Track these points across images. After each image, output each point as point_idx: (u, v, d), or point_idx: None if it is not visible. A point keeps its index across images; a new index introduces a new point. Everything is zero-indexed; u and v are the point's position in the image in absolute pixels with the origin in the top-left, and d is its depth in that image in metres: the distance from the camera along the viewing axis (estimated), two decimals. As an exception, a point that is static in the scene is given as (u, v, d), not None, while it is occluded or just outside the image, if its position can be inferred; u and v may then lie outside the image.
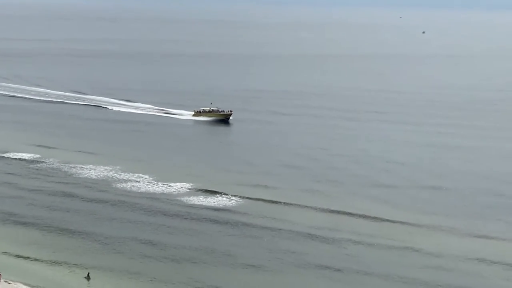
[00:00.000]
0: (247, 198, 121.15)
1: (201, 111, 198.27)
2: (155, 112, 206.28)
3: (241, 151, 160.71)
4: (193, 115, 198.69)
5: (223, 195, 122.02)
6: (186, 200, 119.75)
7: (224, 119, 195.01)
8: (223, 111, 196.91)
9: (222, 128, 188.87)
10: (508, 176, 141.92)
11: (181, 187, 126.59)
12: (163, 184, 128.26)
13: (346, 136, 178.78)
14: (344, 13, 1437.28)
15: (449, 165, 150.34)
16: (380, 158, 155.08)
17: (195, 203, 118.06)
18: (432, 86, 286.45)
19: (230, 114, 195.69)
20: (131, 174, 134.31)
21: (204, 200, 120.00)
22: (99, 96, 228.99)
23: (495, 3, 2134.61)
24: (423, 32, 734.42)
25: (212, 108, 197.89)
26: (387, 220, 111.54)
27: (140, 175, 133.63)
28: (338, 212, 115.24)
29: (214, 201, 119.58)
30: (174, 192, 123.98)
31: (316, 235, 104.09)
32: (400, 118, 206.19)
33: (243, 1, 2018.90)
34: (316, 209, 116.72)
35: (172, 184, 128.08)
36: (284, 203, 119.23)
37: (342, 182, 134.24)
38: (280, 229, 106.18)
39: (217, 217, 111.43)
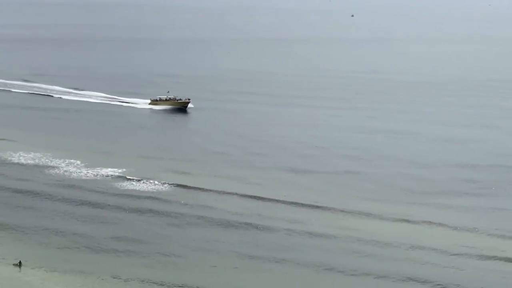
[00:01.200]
0: (170, 184, 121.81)
1: (158, 99, 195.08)
2: (108, 100, 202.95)
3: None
4: (150, 104, 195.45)
5: (151, 182, 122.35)
6: (115, 187, 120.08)
7: (182, 108, 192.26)
8: (180, 99, 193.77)
9: (179, 117, 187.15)
10: (430, 160, 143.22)
11: (111, 174, 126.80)
12: (93, 171, 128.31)
13: (273, 121, 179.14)
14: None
15: (373, 149, 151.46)
16: (305, 143, 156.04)
17: (125, 189, 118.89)
18: (359, 70, 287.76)
19: (188, 103, 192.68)
20: (62, 160, 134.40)
21: (133, 187, 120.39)
22: (45, 84, 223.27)
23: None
24: (352, 16, 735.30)
25: (169, 97, 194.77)
26: (308, 206, 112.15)
27: (72, 161, 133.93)
28: (262, 198, 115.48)
29: (142, 188, 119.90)
30: (101, 179, 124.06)
31: (238, 221, 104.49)
32: (326, 102, 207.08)
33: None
34: (239, 195, 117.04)
35: (101, 171, 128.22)
36: (207, 189, 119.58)
37: (267, 168, 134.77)
38: (203, 216, 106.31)
39: (141, 205, 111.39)
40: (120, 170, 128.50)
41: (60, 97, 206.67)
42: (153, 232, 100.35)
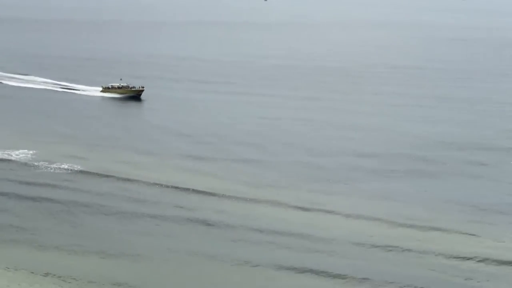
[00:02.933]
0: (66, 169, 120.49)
1: (110, 87, 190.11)
2: (56, 87, 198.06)
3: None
4: (101, 91, 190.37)
5: (56, 167, 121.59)
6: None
7: (135, 96, 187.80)
8: (133, 87, 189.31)
9: (132, 105, 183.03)
10: (331, 148, 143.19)
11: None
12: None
13: (177, 108, 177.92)
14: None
15: (277, 138, 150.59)
16: (207, 130, 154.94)
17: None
18: (268, 55, 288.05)
19: (142, 91, 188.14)
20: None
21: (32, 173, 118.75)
22: None
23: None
24: (265, 0, 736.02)
25: (122, 84, 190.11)
26: (204, 192, 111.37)
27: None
28: (161, 185, 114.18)
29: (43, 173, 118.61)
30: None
31: (137, 210, 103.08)
32: (233, 88, 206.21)
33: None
34: (143, 182, 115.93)
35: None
36: (110, 176, 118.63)
37: (168, 155, 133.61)
38: (102, 205, 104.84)
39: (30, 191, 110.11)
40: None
41: (1, 82, 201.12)
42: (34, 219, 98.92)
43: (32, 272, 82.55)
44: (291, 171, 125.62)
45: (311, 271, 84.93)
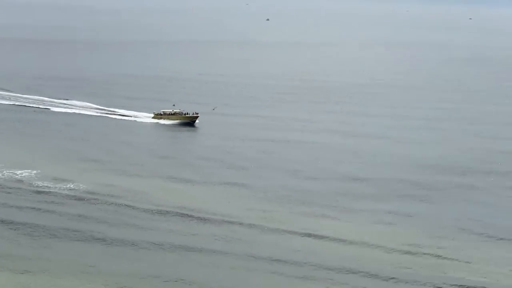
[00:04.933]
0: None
1: (162, 113, 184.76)
2: (104, 113, 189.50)
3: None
4: (153, 117, 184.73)
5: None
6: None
7: (189, 122, 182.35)
8: (187, 113, 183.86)
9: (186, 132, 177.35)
10: (313, 170, 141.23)
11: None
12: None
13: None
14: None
15: (262, 159, 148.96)
16: (197, 152, 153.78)
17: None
18: (266, 73, 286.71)
19: (196, 117, 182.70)
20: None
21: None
22: (22, 93, 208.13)
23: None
24: (267, 19, 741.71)
25: (175, 110, 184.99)
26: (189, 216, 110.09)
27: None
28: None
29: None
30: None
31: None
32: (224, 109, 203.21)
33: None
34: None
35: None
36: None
37: (148, 176, 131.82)
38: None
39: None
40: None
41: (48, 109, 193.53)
42: None
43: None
44: (284, 195, 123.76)
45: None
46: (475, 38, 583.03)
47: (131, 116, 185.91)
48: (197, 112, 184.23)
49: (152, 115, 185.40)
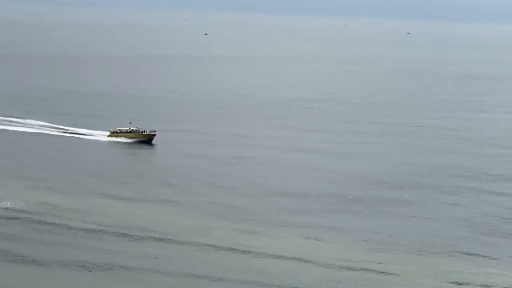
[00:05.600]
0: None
1: (118, 131, 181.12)
2: (56, 131, 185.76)
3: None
4: (109, 136, 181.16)
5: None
6: None
7: (146, 140, 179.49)
8: (144, 131, 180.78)
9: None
10: (255, 187, 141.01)
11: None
12: None
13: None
14: (131, 15, 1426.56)
15: (205, 176, 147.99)
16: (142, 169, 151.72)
17: None
18: (200, 89, 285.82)
19: (154, 135, 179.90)
20: None
21: None
22: None
23: (284, 7, 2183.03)
24: (206, 34, 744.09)
25: (131, 128, 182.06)
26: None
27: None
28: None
29: None
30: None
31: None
32: (165, 124, 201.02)
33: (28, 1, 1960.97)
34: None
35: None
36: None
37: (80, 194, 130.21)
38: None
39: None
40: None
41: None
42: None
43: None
44: (219, 211, 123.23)
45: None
46: (412, 52, 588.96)
47: (85, 134, 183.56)
48: (154, 130, 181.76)
49: (108, 133, 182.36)
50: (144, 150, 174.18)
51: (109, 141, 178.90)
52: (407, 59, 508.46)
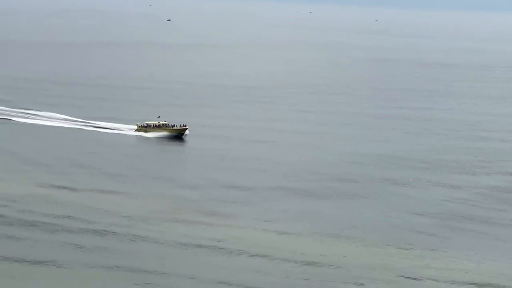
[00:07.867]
0: None
1: (146, 125, 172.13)
2: (79, 125, 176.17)
3: None
4: (136, 130, 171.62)
5: None
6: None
7: (177, 135, 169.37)
8: (174, 125, 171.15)
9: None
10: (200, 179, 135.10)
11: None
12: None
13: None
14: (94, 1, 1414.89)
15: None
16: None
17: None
18: (170, 75, 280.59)
19: (185, 129, 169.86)
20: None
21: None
22: None
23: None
24: (169, 20, 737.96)
25: (160, 122, 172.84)
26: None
27: None
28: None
29: None
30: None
31: None
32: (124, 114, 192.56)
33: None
34: None
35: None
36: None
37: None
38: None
39: None
40: None
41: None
42: None
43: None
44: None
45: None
46: (378, 40, 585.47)
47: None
48: (185, 124, 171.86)
49: (136, 127, 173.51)
50: (175, 147, 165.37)
51: (137, 136, 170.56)
52: (374, 46, 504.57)
